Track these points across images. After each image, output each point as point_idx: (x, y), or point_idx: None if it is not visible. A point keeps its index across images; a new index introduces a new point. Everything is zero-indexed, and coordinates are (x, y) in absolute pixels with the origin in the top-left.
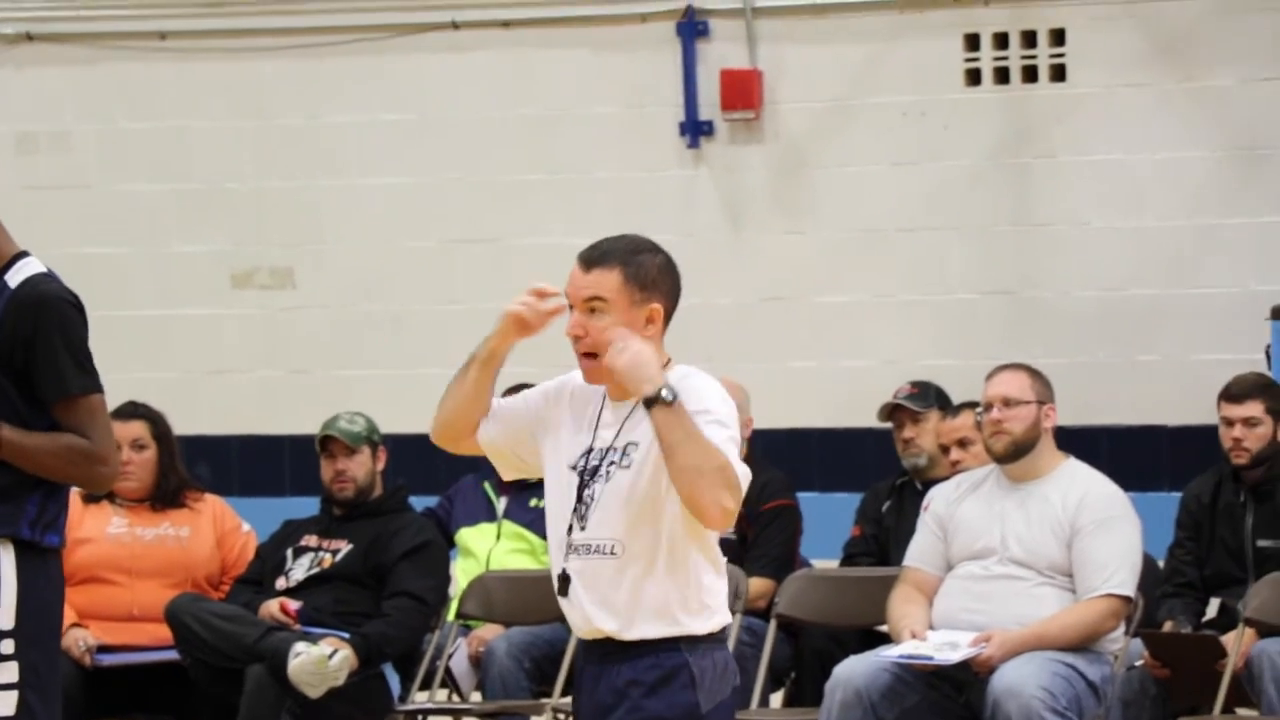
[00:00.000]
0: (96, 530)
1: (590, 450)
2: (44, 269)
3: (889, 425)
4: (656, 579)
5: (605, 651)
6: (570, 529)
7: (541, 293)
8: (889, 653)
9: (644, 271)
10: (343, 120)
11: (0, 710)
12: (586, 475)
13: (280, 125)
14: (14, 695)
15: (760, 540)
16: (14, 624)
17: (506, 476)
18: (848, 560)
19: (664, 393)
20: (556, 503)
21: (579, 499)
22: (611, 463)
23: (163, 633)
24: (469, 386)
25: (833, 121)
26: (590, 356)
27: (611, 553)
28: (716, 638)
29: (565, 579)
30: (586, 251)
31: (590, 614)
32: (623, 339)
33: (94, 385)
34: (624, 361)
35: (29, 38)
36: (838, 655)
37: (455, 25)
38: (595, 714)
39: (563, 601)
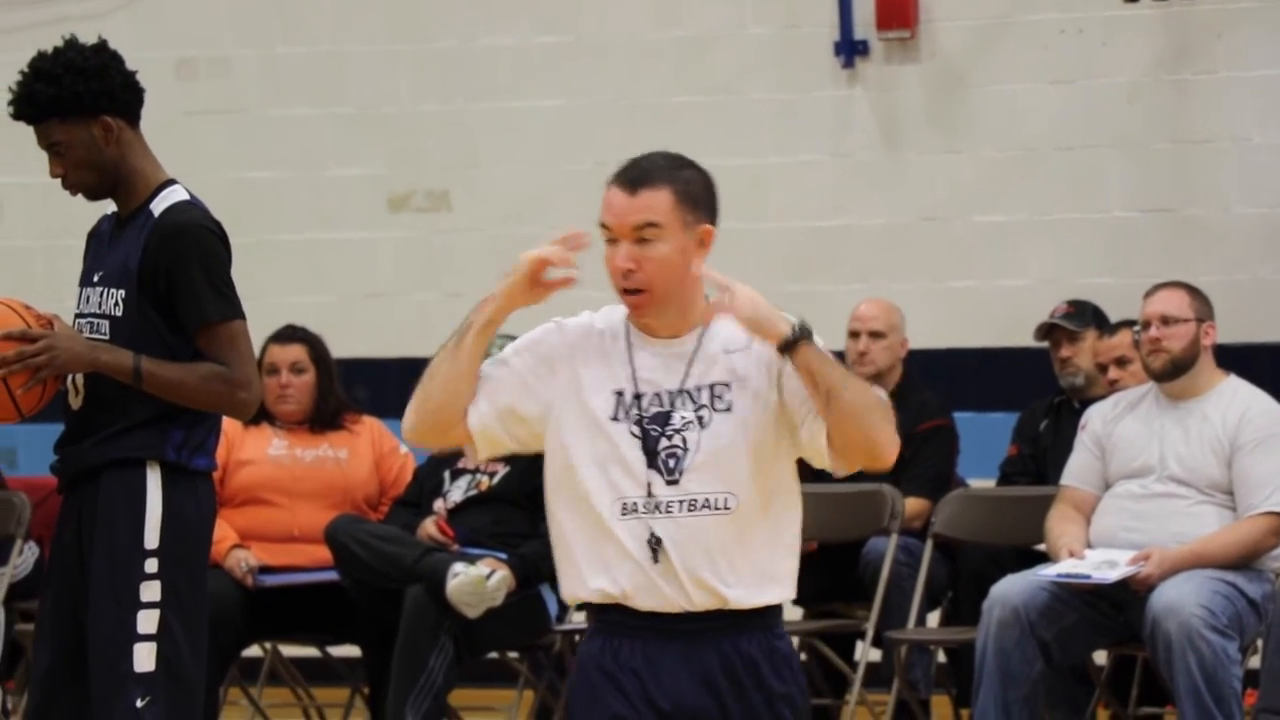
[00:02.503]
0: (257, 452)
1: (639, 396)
2: (187, 196)
3: (1046, 345)
4: (768, 538)
5: (707, 625)
6: (649, 487)
7: (575, 240)
8: (1047, 572)
9: (693, 188)
10: (498, 43)
11: (142, 628)
12: (650, 424)
13: (436, 48)
14: (156, 614)
15: (916, 460)
16: (159, 544)
17: (483, 457)
18: (1004, 480)
19: (804, 329)
20: (608, 456)
21: (653, 451)
22: (701, 406)
23: (322, 554)
24: (464, 363)
25: (989, 39)
26: (638, 293)
27: (725, 507)
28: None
29: (658, 542)
30: (627, 171)
31: (699, 580)
32: (719, 282)
33: (233, 312)
34: (749, 307)
35: None
36: (995, 574)
37: None
38: (695, 696)
39: (649, 570)
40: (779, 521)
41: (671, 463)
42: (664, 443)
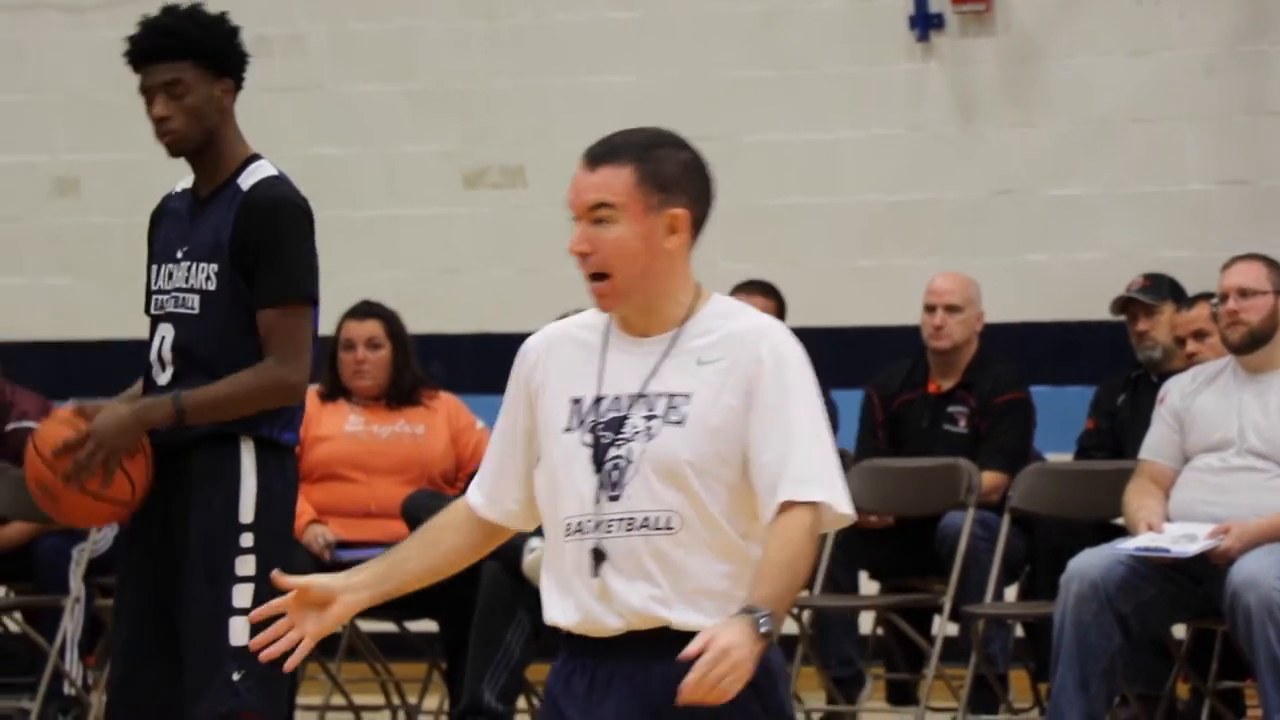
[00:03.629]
0: (334, 428)
1: (599, 400)
2: (275, 172)
3: (1122, 318)
4: (717, 557)
5: (653, 643)
6: (597, 499)
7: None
8: (1125, 545)
9: (662, 169)
10: (570, 18)
11: (238, 602)
12: (604, 430)
13: (509, 24)
14: (250, 588)
15: (993, 433)
16: (253, 518)
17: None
18: (1081, 453)
19: (762, 626)
20: (559, 471)
21: (601, 461)
22: (652, 416)
23: (399, 529)
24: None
25: (1064, 12)
26: (600, 278)
27: (668, 526)
28: None
29: (600, 556)
30: (594, 147)
31: (638, 599)
32: (712, 644)
33: (303, 294)
34: (733, 678)
35: None
36: (1072, 548)
37: None
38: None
39: (590, 583)
40: (736, 542)
41: (615, 475)
42: (612, 452)
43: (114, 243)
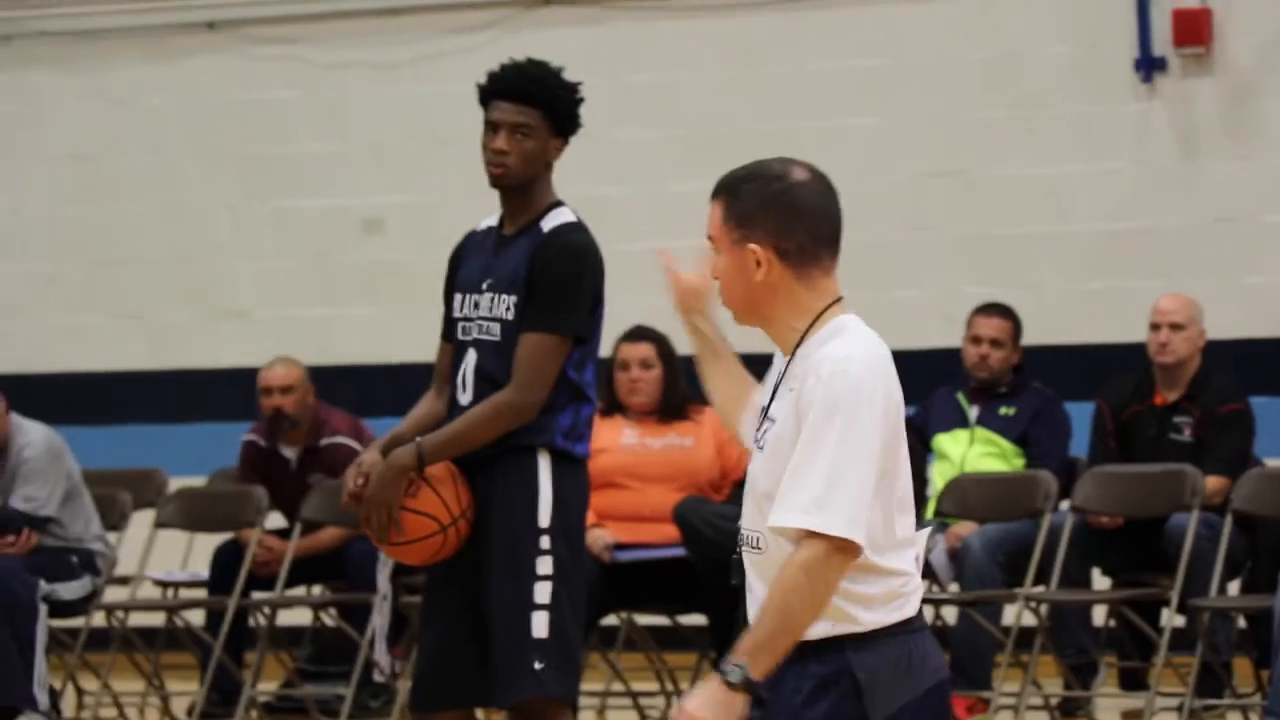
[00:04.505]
0: (611, 441)
1: (761, 420)
2: (575, 219)
3: None
4: None
5: None
6: (742, 514)
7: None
8: None
9: (742, 205)
10: (821, 67)
11: (538, 598)
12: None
13: (766, 73)
14: (549, 585)
15: (1215, 442)
16: (550, 522)
17: None
18: None
19: (731, 677)
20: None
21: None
22: (757, 441)
23: (671, 532)
24: (706, 385)
25: (1278, 53)
26: (725, 303)
27: (756, 546)
28: (894, 630)
29: (739, 567)
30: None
31: (751, 611)
32: (680, 714)
33: (563, 329)
34: None
35: (545, 2)
36: None
37: None
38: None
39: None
40: None
41: (743, 493)
42: (750, 470)
43: (415, 275)
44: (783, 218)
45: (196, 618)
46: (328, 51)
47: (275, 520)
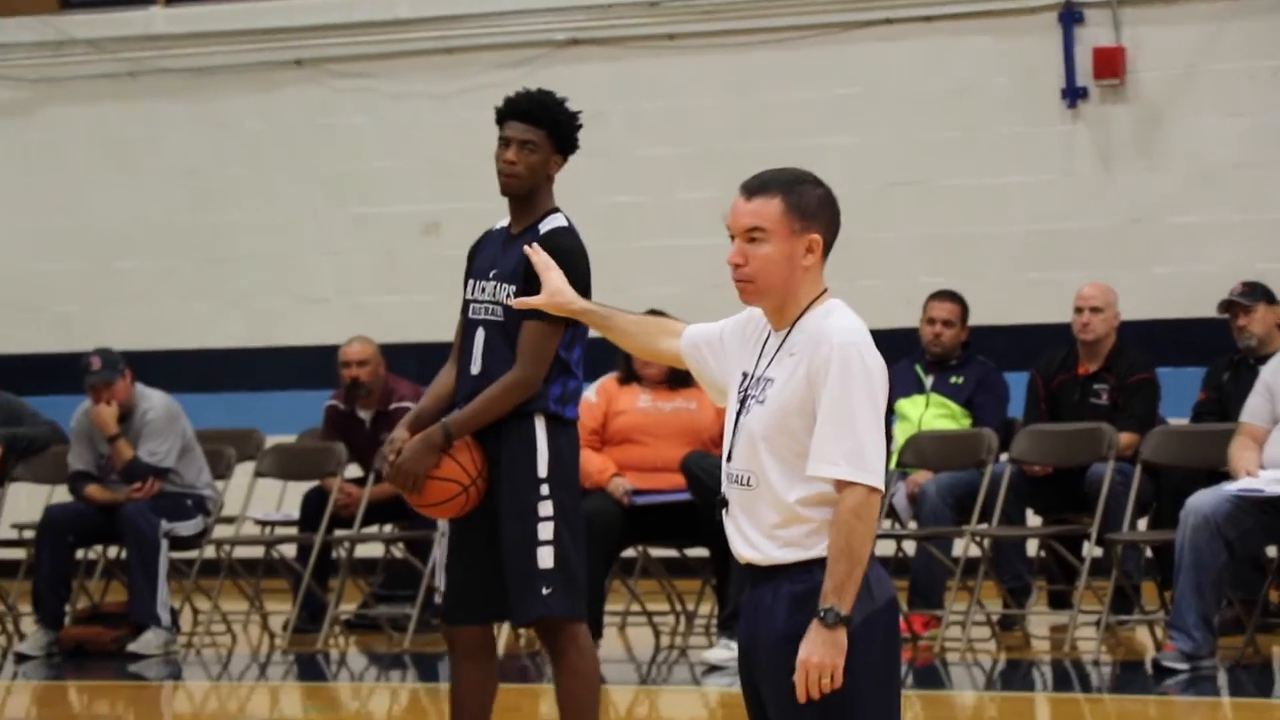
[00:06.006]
0: (629, 405)
1: (747, 379)
2: (567, 224)
3: (1226, 316)
4: (784, 510)
5: (752, 577)
6: (729, 455)
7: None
8: (1230, 487)
9: (805, 201)
10: (806, 95)
11: (542, 536)
12: (741, 404)
13: (760, 100)
14: (551, 524)
15: (1128, 405)
16: (547, 472)
17: (714, 400)
18: (1196, 418)
19: (828, 620)
20: (726, 427)
21: (734, 427)
22: (753, 396)
23: (679, 480)
24: (617, 343)
25: (1181, 84)
26: (746, 283)
27: (748, 484)
28: None
29: (724, 503)
30: (749, 180)
31: (736, 542)
32: (799, 665)
33: (552, 314)
34: (824, 674)
35: (575, 43)
36: (1189, 490)
37: (889, 21)
38: (750, 637)
39: (724, 523)
40: (807, 496)
41: (732, 440)
42: (737, 422)
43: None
44: (832, 216)
45: (289, 550)
46: (394, 84)
47: (353, 471)
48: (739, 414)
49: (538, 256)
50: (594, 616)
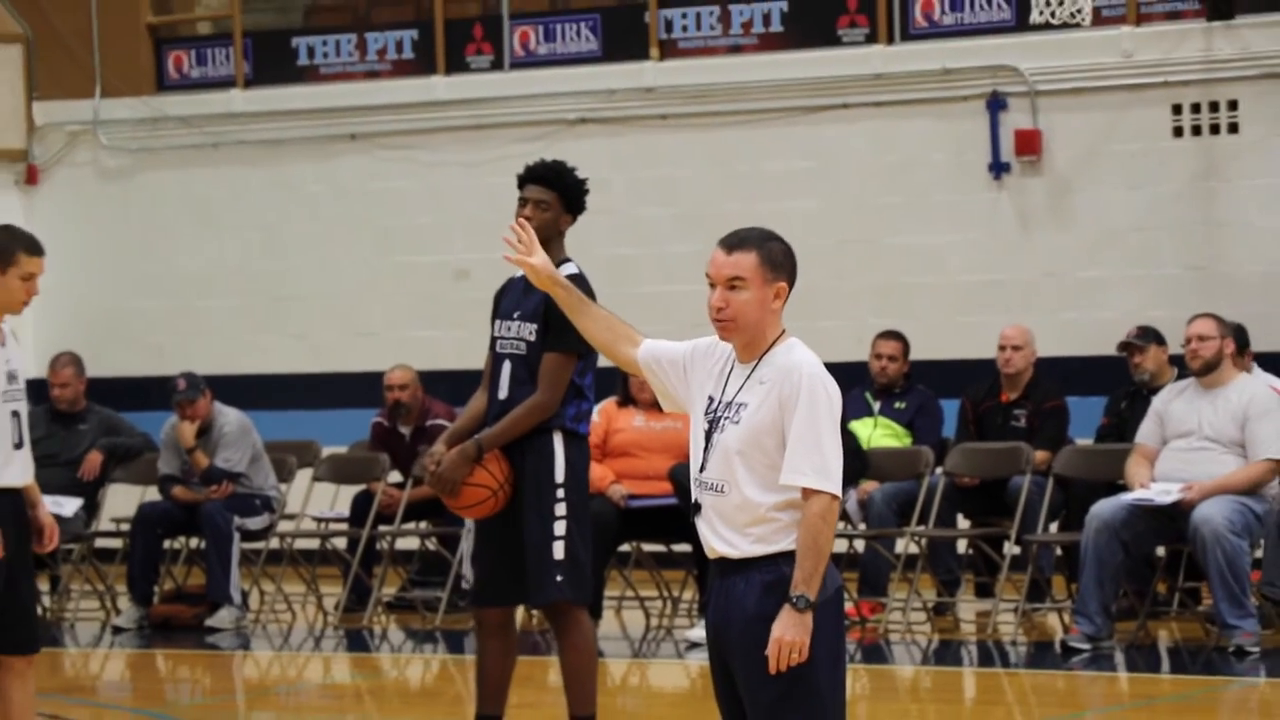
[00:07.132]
0: (626, 424)
1: (715, 402)
2: (578, 271)
3: (1124, 355)
4: (755, 512)
5: (723, 568)
6: (702, 466)
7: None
8: (1126, 497)
9: (774, 255)
10: (774, 166)
11: (557, 532)
12: (712, 423)
13: (736, 170)
14: (564, 523)
15: (1042, 427)
16: (563, 479)
17: (663, 405)
18: (1099, 439)
19: (798, 605)
20: (693, 442)
21: (707, 442)
22: (726, 417)
23: (666, 487)
24: (583, 330)
25: (1087, 161)
26: (728, 322)
27: (721, 490)
28: None
29: (698, 506)
30: (728, 238)
31: (710, 539)
32: (772, 642)
33: (573, 348)
34: (794, 648)
35: (584, 121)
36: (1093, 499)
37: (845, 106)
38: (722, 618)
39: (697, 523)
40: (773, 501)
41: (708, 453)
42: (710, 438)
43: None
44: (794, 268)
45: (340, 543)
46: (432, 154)
47: (394, 477)
48: (710, 432)
49: (525, 233)
50: (595, 600)
